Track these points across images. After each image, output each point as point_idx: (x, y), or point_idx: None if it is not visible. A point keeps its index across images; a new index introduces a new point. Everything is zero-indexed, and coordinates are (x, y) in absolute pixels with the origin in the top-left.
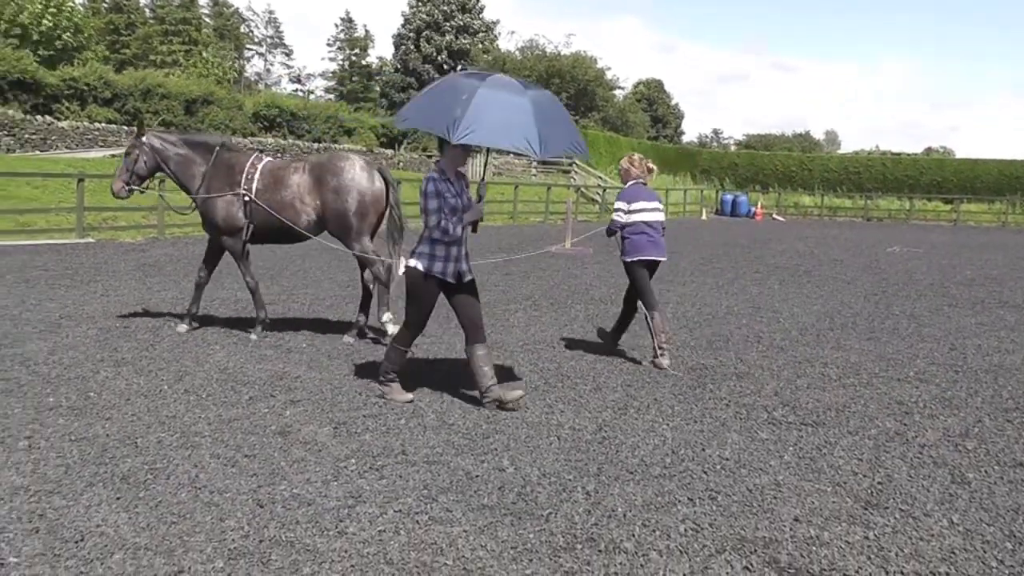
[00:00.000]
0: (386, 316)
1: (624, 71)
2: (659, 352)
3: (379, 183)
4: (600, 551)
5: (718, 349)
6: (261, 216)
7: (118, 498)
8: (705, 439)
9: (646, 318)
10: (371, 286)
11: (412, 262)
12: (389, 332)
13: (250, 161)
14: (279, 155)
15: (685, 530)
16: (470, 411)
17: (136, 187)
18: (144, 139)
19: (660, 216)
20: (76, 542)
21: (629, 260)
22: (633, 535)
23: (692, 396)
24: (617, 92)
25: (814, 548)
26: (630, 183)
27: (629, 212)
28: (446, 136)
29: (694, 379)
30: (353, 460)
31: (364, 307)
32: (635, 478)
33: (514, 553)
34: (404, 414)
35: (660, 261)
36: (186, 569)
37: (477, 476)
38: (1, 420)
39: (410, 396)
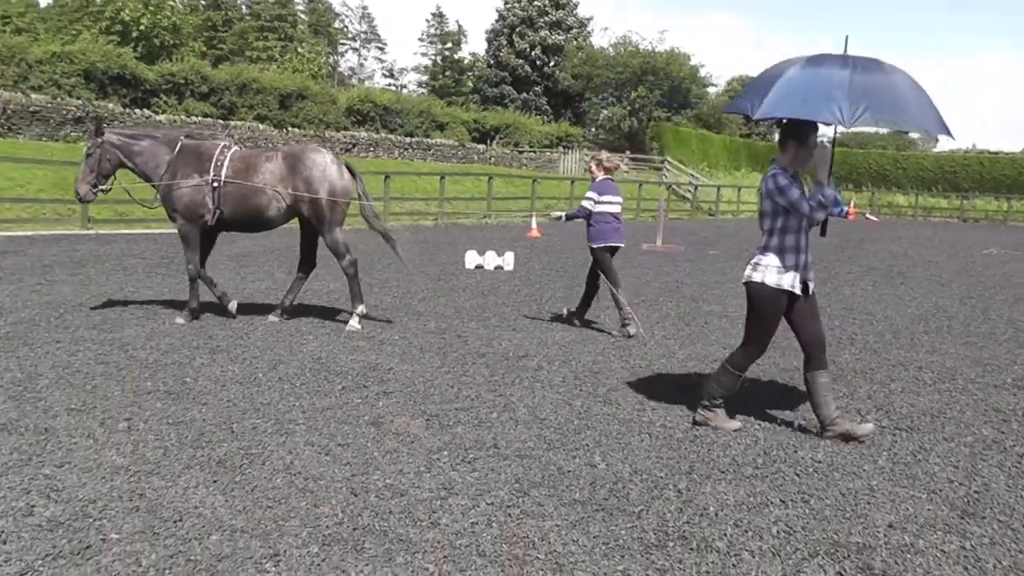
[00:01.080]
0: (360, 308)
1: (717, 67)
2: (625, 322)
3: (348, 176)
4: (692, 549)
5: None
6: (230, 203)
7: (215, 481)
8: (797, 441)
9: (612, 294)
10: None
11: (757, 277)
12: (352, 326)
13: (219, 149)
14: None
15: (777, 532)
16: (561, 406)
17: (102, 187)
18: (105, 138)
19: (620, 208)
20: (174, 522)
21: (597, 246)
22: (725, 535)
23: (784, 396)
24: (710, 89)
25: (909, 556)
26: (600, 178)
27: (598, 203)
28: (835, 122)
29: (786, 379)
30: (445, 452)
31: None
32: (727, 478)
33: (606, 549)
34: (496, 408)
35: (621, 246)
36: (281, 553)
37: (569, 471)
38: (101, 402)
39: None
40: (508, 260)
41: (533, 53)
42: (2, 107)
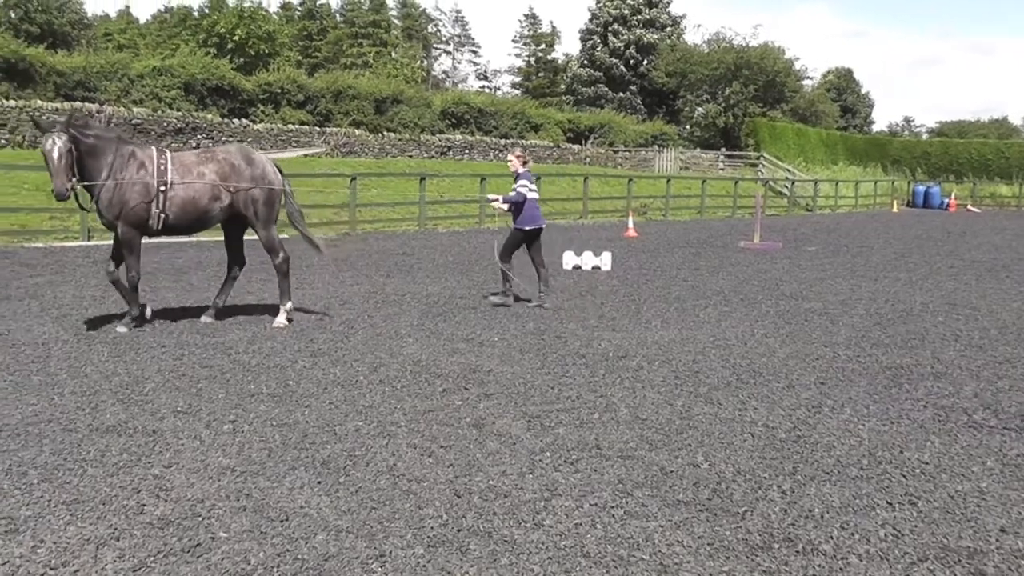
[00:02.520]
0: (289, 304)
1: (812, 60)
2: (497, 293)
3: (280, 176)
4: (798, 552)
5: (914, 348)
6: (177, 206)
7: (319, 482)
8: (903, 441)
9: (504, 270)
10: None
11: None
12: (279, 322)
13: (156, 153)
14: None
15: (885, 535)
16: (662, 406)
17: (74, 183)
18: (70, 131)
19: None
20: (281, 521)
21: (529, 228)
22: (831, 537)
23: (888, 396)
24: (805, 82)
25: (1022, 562)
26: (524, 170)
27: (531, 191)
28: None
29: (889, 378)
30: (548, 453)
31: (224, 288)
32: (831, 479)
33: (710, 550)
34: (597, 408)
35: (544, 227)
36: (387, 553)
37: (672, 472)
38: (207, 405)
39: None
40: (606, 260)
41: (627, 52)
42: (106, 121)
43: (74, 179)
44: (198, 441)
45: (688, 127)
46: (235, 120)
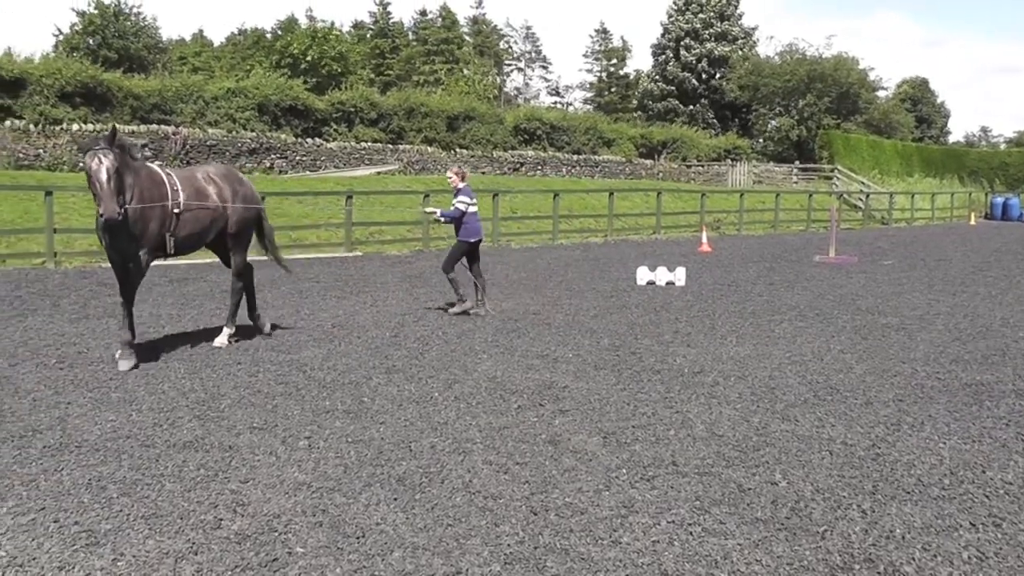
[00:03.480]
0: (231, 329)
1: (887, 70)
2: (461, 299)
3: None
4: (879, 573)
5: (994, 364)
6: (185, 229)
7: (395, 499)
8: (985, 460)
9: (451, 279)
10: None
11: None
12: (219, 342)
13: (164, 171)
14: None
15: (969, 557)
16: (739, 422)
17: (124, 207)
18: (114, 149)
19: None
20: (357, 538)
21: (472, 240)
22: (913, 559)
23: (969, 414)
24: (880, 93)
25: None
26: (464, 186)
27: (470, 205)
28: None
29: (970, 396)
30: (624, 470)
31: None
32: (912, 498)
33: (790, 570)
34: (673, 425)
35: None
36: (463, 571)
37: (749, 489)
38: (282, 421)
39: None
40: (679, 275)
41: (699, 66)
42: (182, 143)
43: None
44: (274, 457)
45: (761, 140)
46: (308, 139)
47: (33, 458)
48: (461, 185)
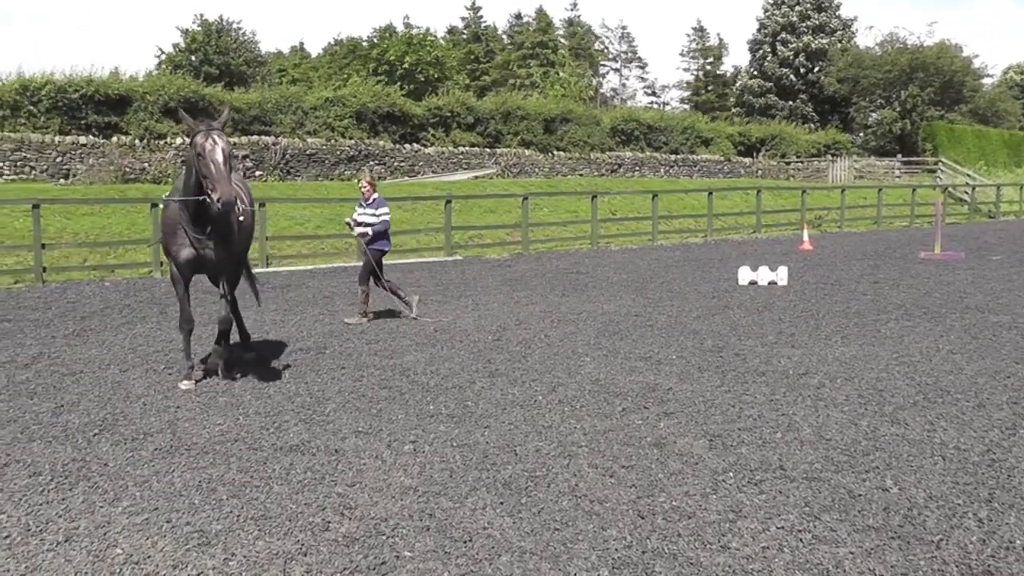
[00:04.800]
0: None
1: (993, 56)
2: (407, 303)
3: None
4: None
5: None
6: (243, 231)
7: (501, 503)
8: None
9: (390, 290)
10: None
11: None
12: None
13: None
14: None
15: None
16: (847, 426)
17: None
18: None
19: None
20: (464, 542)
21: (388, 249)
22: None
23: None
24: (985, 81)
25: None
26: (378, 195)
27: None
28: None
29: None
30: (731, 474)
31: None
32: None
33: None
34: (780, 428)
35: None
36: (571, 575)
37: (860, 495)
38: (387, 425)
39: None
40: (782, 275)
41: (797, 60)
42: (281, 153)
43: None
44: (380, 461)
45: (862, 134)
46: (407, 145)
47: (145, 460)
48: (376, 195)
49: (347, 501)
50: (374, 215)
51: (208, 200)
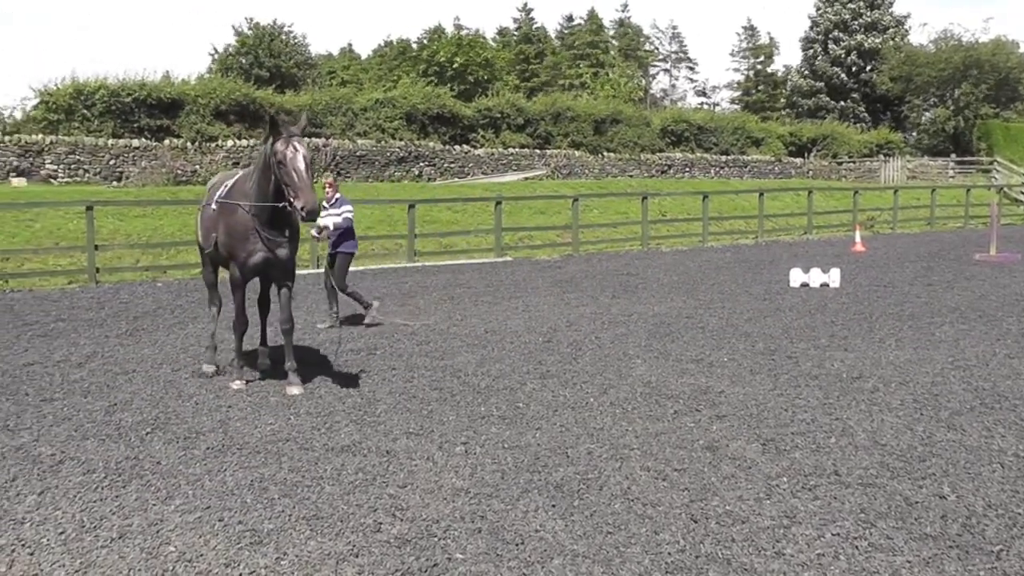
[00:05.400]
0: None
1: None
2: (367, 307)
3: None
4: None
5: None
6: None
7: (553, 505)
8: None
9: (352, 296)
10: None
11: None
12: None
13: None
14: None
15: None
16: (902, 431)
17: None
18: None
19: None
20: (516, 544)
21: (353, 252)
22: None
23: None
24: None
25: None
26: (340, 196)
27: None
28: None
29: None
30: (784, 478)
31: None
32: None
33: None
34: (834, 432)
35: None
36: None
37: (916, 502)
38: (438, 427)
39: None
40: (834, 277)
41: (849, 59)
42: (331, 154)
43: None
44: (431, 462)
45: (915, 134)
46: (456, 146)
47: (197, 459)
48: (338, 195)
49: (398, 502)
50: (337, 215)
51: (289, 207)
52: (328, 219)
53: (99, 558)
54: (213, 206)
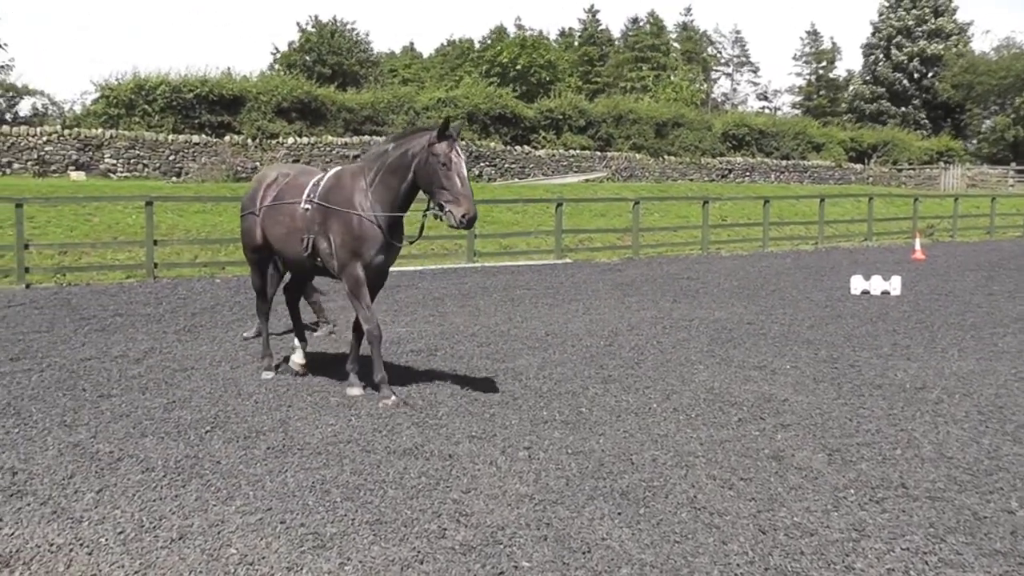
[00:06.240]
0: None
1: None
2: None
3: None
4: None
5: None
6: None
7: (619, 513)
8: None
9: (311, 303)
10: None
11: None
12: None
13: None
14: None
15: None
16: (968, 444)
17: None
18: None
19: None
20: (583, 553)
21: None
22: None
23: None
24: None
25: None
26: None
27: None
28: None
29: None
30: (851, 490)
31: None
32: None
33: None
34: (899, 444)
35: None
36: None
37: (985, 517)
38: (500, 431)
39: None
40: (895, 284)
41: (911, 65)
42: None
43: None
44: (494, 467)
45: (975, 142)
46: (517, 147)
47: (258, 459)
48: None
49: (462, 508)
50: None
51: (442, 213)
52: None
53: (159, 559)
54: (306, 205)
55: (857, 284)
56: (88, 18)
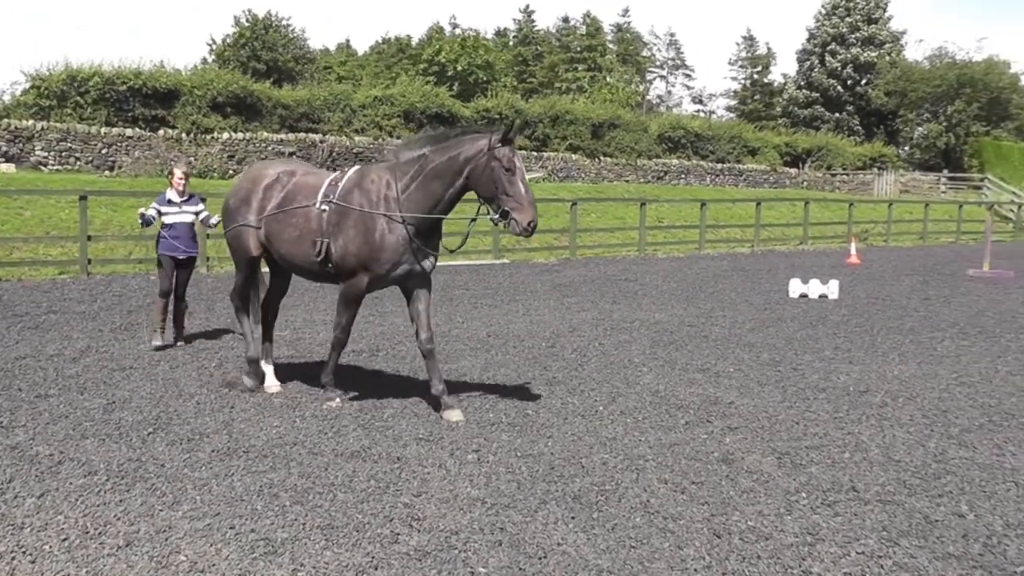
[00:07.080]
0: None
1: None
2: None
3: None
4: None
5: None
6: None
7: (573, 517)
8: None
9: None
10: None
11: None
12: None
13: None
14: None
15: None
16: (914, 447)
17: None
18: None
19: None
20: (539, 559)
21: (168, 254)
22: None
23: None
24: None
25: None
26: (183, 189)
27: (170, 213)
28: None
29: None
30: (803, 494)
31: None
32: None
33: None
34: (847, 447)
35: None
36: None
37: (936, 521)
38: (448, 433)
39: None
40: (833, 288)
41: (845, 72)
42: (328, 150)
43: None
44: (444, 470)
45: (907, 148)
46: None
47: (203, 462)
48: (182, 187)
49: (414, 512)
50: (195, 212)
51: (504, 220)
52: (183, 217)
53: (106, 567)
54: (323, 206)
55: (795, 287)
56: (14, 2)
